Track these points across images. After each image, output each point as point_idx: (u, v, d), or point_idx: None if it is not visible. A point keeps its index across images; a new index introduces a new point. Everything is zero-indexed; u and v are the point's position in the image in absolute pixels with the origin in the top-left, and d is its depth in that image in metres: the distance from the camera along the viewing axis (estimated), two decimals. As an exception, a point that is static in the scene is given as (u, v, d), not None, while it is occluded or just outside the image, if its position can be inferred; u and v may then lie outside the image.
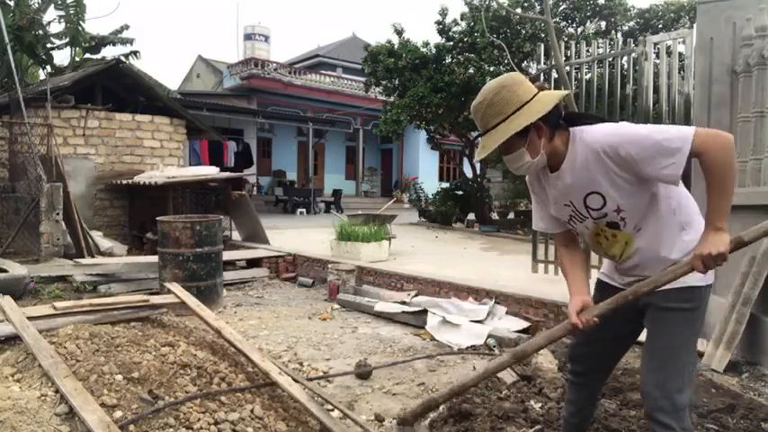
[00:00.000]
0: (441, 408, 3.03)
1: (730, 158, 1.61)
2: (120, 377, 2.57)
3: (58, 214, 7.11)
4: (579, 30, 12.04)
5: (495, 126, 1.73)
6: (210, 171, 9.29)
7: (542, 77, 6.23)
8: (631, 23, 12.64)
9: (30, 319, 2.94)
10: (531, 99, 1.71)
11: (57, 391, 2.39)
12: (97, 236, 8.26)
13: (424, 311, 4.96)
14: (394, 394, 3.38)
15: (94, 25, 62.74)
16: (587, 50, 5.73)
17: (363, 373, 3.62)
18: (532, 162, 1.78)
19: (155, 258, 6.11)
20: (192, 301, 3.59)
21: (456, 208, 14.04)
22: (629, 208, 1.76)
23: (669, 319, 1.77)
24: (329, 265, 6.45)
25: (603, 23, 12.61)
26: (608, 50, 5.66)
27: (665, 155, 1.60)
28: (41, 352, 2.61)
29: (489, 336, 4.44)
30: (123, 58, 11.96)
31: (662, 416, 1.73)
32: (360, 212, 9.93)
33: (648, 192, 1.75)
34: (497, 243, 10.48)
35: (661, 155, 1.61)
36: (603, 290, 2.03)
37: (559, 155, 1.80)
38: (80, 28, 12.89)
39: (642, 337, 1.96)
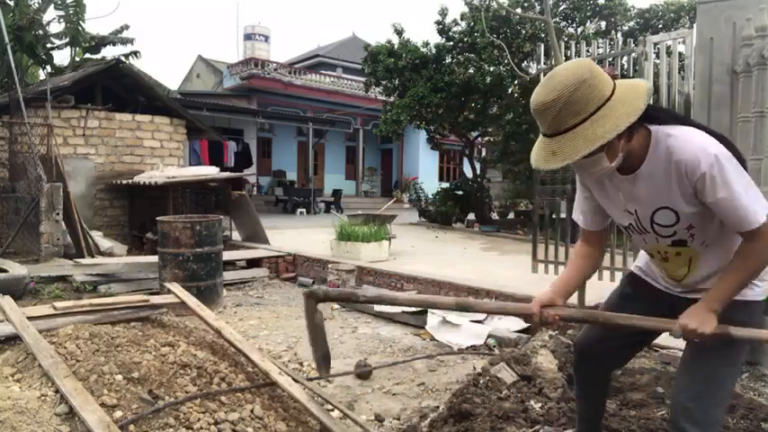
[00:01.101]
0: (441, 407, 3.03)
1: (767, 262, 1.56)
2: (120, 377, 2.57)
3: (58, 214, 7.11)
4: (579, 30, 12.04)
5: (572, 128, 1.46)
6: (210, 171, 9.30)
7: (542, 77, 6.23)
8: (631, 23, 12.65)
9: (30, 319, 2.94)
10: (612, 94, 1.47)
11: (57, 391, 2.39)
12: (97, 236, 8.26)
13: (424, 311, 4.96)
14: (394, 394, 3.38)
15: (94, 25, 62.86)
16: (587, 50, 5.72)
17: (363, 373, 3.62)
18: (610, 167, 1.55)
19: (155, 258, 6.11)
20: (192, 301, 3.59)
21: (456, 208, 14.04)
22: (700, 225, 1.61)
23: None
24: (329, 265, 6.45)
25: (603, 23, 12.62)
26: (608, 50, 5.66)
27: (739, 213, 1.49)
28: (41, 352, 2.61)
29: (489, 336, 4.45)
30: (123, 58, 11.95)
31: (690, 427, 1.63)
32: (360, 212, 9.94)
33: None
34: (497, 243, 10.49)
35: (735, 211, 1.50)
36: (641, 287, 1.90)
37: (634, 156, 1.57)
38: (80, 28, 12.89)
39: (662, 341, 1.91)
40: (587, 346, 2.00)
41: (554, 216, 6.26)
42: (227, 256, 6.94)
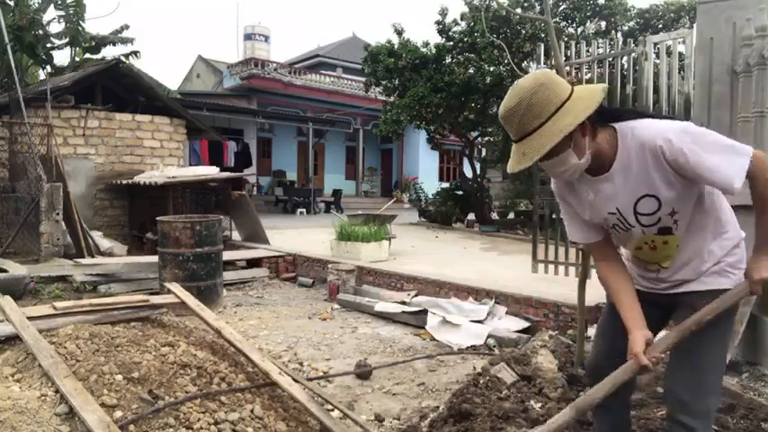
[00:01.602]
0: (441, 407, 3.03)
1: None
2: (120, 377, 2.57)
3: (58, 214, 7.11)
4: (579, 30, 12.04)
5: (536, 129, 1.54)
6: (210, 171, 9.30)
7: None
8: (631, 23, 12.63)
9: (30, 319, 2.94)
10: (570, 96, 1.56)
11: (57, 391, 2.39)
12: (97, 236, 8.26)
13: (424, 311, 4.96)
14: (394, 394, 3.38)
15: (94, 25, 62.79)
16: (587, 50, 5.72)
17: (363, 373, 3.62)
18: (579, 164, 1.61)
19: (155, 258, 6.11)
20: (192, 301, 3.59)
21: (456, 208, 14.03)
22: (682, 209, 1.66)
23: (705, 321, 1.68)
24: (329, 265, 6.45)
25: (603, 23, 12.60)
26: (608, 50, 5.66)
27: (725, 164, 1.54)
28: (41, 352, 2.61)
29: (489, 336, 4.45)
30: (123, 58, 11.96)
31: (688, 419, 1.66)
32: (360, 212, 9.93)
33: (697, 189, 1.67)
34: (497, 243, 10.48)
35: (721, 163, 1.54)
36: None
37: (604, 155, 1.65)
38: (80, 28, 12.88)
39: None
40: (600, 368, 1.96)
41: (554, 216, 6.26)
42: (227, 256, 6.94)
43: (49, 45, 13.02)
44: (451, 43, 12.40)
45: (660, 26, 12.03)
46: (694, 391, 1.68)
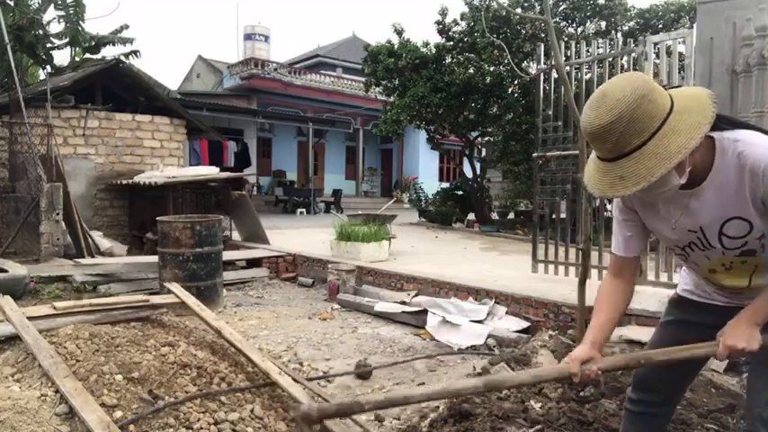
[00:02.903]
0: (441, 407, 3.03)
1: None
2: (120, 377, 2.57)
3: (58, 214, 7.11)
4: (579, 30, 12.03)
5: (639, 148, 1.33)
6: (210, 171, 9.30)
7: (542, 77, 6.23)
8: (631, 23, 12.62)
9: (30, 319, 2.94)
10: (672, 107, 1.35)
11: (57, 391, 2.39)
12: (97, 236, 8.26)
13: (424, 311, 4.97)
14: (394, 394, 3.38)
15: (94, 25, 62.74)
16: (587, 50, 5.72)
17: (363, 373, 3.62)
18: (679, 183, 1.40)
19: (155, 258, 6.11)
20: (191, 301, 3.59)
21: (456, 208, 14.04)
22: None
23: None
24: (329, 265, 6.45)
25: (603, 23, 12.59)
26: (608, 50, 5.66)
27: None
28: (41, 352, 2.61)
29: (489, 336, 4.45)
30: (123, 58, 11.96)
31: None
32: (360, 212, 9.93)
33: None
34: (497, 243, 10.48)
35: None
36: (696, 309, 1.79)
37: (697, 168, 1.44)
38: (80, 28, 12.88)
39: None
40: (647, 380, 1.90)
41: (554, 216, 6.26)
42: (227, 256, 6.94)
43: (49, 45, 13.01)
44: (451, 43, 12.39)
45: (660, 26, 12.02)
46: None
